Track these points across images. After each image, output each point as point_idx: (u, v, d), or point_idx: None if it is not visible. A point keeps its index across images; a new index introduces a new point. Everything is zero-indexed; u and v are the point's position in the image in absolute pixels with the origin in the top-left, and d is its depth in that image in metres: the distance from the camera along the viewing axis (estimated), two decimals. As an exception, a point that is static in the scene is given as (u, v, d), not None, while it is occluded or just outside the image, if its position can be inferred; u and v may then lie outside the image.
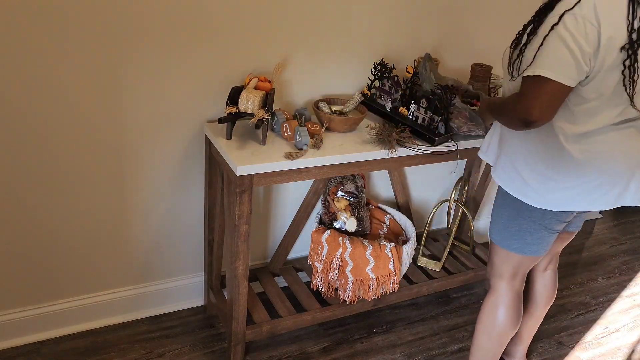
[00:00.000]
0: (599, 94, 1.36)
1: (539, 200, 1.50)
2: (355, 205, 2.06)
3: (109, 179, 1.81)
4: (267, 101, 1.69)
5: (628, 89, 1.35)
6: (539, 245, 1.60)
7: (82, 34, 1.57)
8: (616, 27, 1.29)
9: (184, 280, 2.13)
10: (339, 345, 2.10)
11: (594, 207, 1.50)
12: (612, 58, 1.31)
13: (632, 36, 1.30)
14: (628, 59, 1.31)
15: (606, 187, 1.47)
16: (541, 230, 1.56)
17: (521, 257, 1.62)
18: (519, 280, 1.69)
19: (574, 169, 1.44)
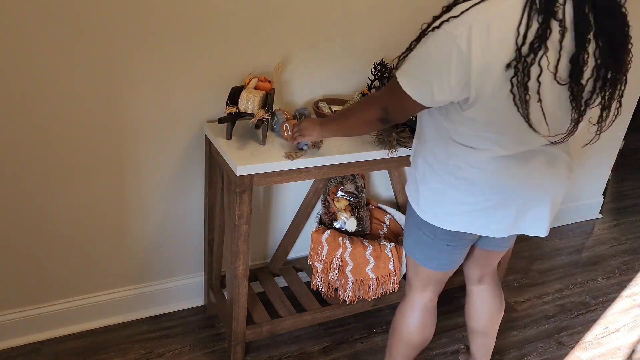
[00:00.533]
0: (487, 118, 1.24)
1: (432, 217, 1.44)
2: (355, 205, 2.06)
3: (109, 179, 1.81)
4: (267, 101, 1.69)
5: (520, 108, 1.19)
6: (440, 259, 1.53)
7: (83, 34, 1.57)
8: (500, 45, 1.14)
9: (184, 280, 2.13)
10: (339, 345, 2.10)
11: (486, 232, 1.42)
12: (495, 81, 1.16)
13: (521, 50, 1.12)
14: (515, 76, 1.14)
15: (498, 212, 1.39)
16: (439, 244, 1.50)
17: (427, 270, 1.57)
18: (428, 294, 1.63)
19: (464, 190, 1.37)
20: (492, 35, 1.13)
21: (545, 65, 1.15)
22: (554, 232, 3.05)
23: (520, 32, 1.12)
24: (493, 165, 1.33)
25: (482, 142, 1.31)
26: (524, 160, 1.34)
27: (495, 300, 1.78)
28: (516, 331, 2.27)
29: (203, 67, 1.77)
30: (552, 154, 1.39)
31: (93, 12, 1.55)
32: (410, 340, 1.67)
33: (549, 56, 1.15)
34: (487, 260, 1.69)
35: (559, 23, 1.13)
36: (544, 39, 1.13)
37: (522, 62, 1.13)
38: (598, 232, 3.11)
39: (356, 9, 1.91)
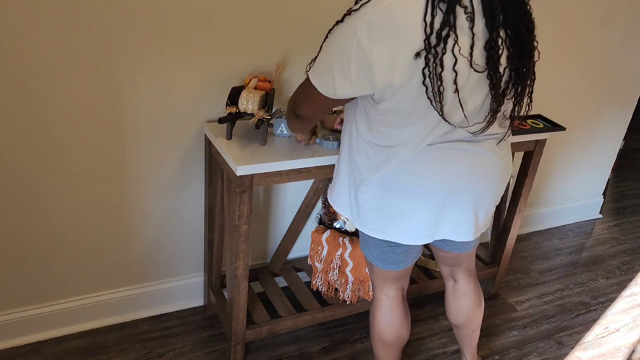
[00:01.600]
0: (399, 110, 1.21)
1: (357, 222, 1.44)
2: (355, 205, 2.06)
3: (109, 179, 1.81)
4: (267, 101, 1.69)
5: (434, 101, 1.16)
6: (385, 259, 1.50)
7: (83, 35, 1.57)
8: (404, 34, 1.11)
9: (184, 280, 2.13)
10: (339, 345, 2.10)
11: (406, 240, 1.39)
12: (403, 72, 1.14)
13: (430, 39, 1.10)
14: (426, 67, 1.12)
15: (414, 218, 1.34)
16: (380, 245, 1.47)
17: (378, 268, 1.55)
18: (390, 289, 1.59)
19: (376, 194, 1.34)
20: (394, 24, 1.12)
21: (458, 52, 1.13)
22: (554, 232, 3.05)
23: (427, 21, 1.10)
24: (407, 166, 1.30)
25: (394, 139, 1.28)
26: (439, 160, 1.30)
27: (468, 297, 1.74)
28: (516, 331, 2.27)
29: (203, 67, 1.77)
30: (473, 152, 1.33)
31: (93, 12, 1.55)
32: (382, 338, 1.66)
33: (462, 44, 1.13)
34: (454, 261, 1.67)
35: (464, 10, 1.12)
36: (451, 26, 1.11)
37: (432, 52, 1.11)
38: (598, 232, 3.11)
39: (356, 9, 1.91)
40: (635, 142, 4.30)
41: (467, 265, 1.71)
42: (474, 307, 1.77)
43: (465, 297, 1.75)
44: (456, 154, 1.31)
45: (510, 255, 2.40)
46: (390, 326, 1.64)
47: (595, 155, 2.99)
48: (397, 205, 1.35)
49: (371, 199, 1.37)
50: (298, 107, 1.38)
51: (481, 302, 1.78)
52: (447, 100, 1.19)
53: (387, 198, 1.35)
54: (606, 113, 2.85)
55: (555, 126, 2.11)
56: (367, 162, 1.35)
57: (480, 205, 1.39)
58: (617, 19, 2.55)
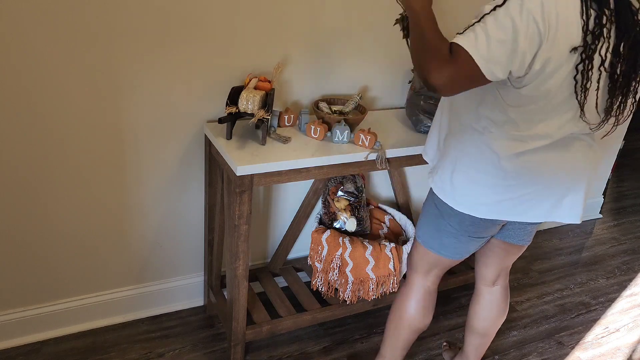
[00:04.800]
0: (540, 98, 1.25)
1: (464, 205, 1.44)
2: (355, 205, 2.06)
3: (109, 179, 1.81)
4: (267, 101, 1.69)
5: (579, 95, 1.23)
6: (456, 248, 1.55)
7: (84, 35, 1.57)
8: (567, 27, 1.16)
9: (184, 280, 2.13)
10: (339, 345, 2.10)
11: (522, 218, 1.44)
12: (558, 61, 1.18)
13: (586, 38, 1.17)
14: (581, 63, 1.19)
15: (536, 199, 1.40)
16: (460, 234, 1.51)
17: (437, 256, 1.59)
18: (431, 277, 1.65)
19: (503, 178, 1.38)
20: (560, 11, 1.15)
21: (604, 53, 1.20)
22: (554, 232, 3.05)
23: (584, 19, 1.16)
24: (534, 154, 1.35)
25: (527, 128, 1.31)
26: (565, 148, 1.36)
27: (502, 303, 1.78)
28: (516, 331, 2.27)
29: (203, 67, 1.77)
30: (589, 144, 1.41)
31: (93, 12, 1.55)
32: (412, 323, 1.68)
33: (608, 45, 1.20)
34: (506, 256, 1.69)
35: (609, 12, 1.19)
36: (603, 27, 1.17)
37: (587, 49, 1.18)
38: (598, 232, 3.11)
39: (356, 9, 1.91)
40: (635, 142, 4.30)
41: (509, 266, 1.75)
42: (502, 314, 1.79)
43: (500, 304, 1.77)
44: (578, 146, 1.38)
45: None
46: (422, 311, 1.67)
47: (595, 155, 2.99)
48: (524, 190, 1.39)
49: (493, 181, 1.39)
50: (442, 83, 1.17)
51: (507, 310, 1.81)
52: (589, 97, 1.25)
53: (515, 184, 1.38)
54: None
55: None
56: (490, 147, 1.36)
57: (589, 189, 1.47)
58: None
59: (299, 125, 1.84)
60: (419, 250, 1.63)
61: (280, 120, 1.84)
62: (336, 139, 1.77)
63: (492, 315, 1.78)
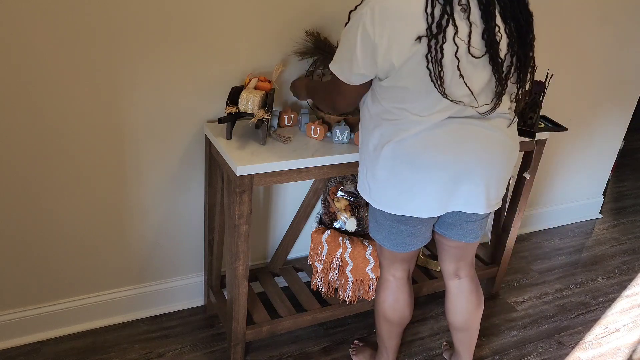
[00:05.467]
0: (402, 87, 1.34)
1: (375, 201, 1.51)
2: (355, 205, 2.06)
3: (109, 179, 1.81)
4: (267, 101, 1.69)
5: (436, 84, 1.29)
6: (393, 240, 1.59)
7: (84, 35, 1.57)
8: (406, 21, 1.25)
9: (184, 280, 2.13)
10: (339, 345, 2.10)
11: (421, 213, 1.47)
12: (402, 53, 1.27)
13: (431, 28, 1.24)
14: (428, 52, 1.25)
15: (428, 190, 1.42)
16: (390, 226, 1.56)
17: (387, 250, 1.63)
18: (395, 271, 1.68)
19: (391, 168, 1.43)
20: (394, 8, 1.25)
21: (459, 40, 1.26)
22: (554, 232, 3.05)
23: (428, 12, 1.24)
24: (414, 140, 1.38)
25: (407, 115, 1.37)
26: (448, 134, 1.38)
27: (472, 295, 1.77)
28: (516, 331, 2.27)
29: (203, 67, 1.77)
30: (486, 129, 1.42)
31: (94, 13, 1.55)
32: (387, 316, 1.74)
33: (461, 32, 1.26)
34: (457, 252, 1.70)
35: (458, 1, 1.26)
36: (449, 15, 1.24)
37: (433, 39, 1.24)
38: (598, 232, 3.11)
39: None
40: (635, 142, 4.30)
41: (471, 261, 1.75)
42: (476, 305, 1.78)
43: (469, 296, 1.77)
44: (468, 129, 1.40)
45: (510, 255, 2.40)
46: (395, 305, 1.71)
47: (595, 155, 2.99)
48: (410, 179, 1.42)
49: (386, 175, 1.45)
50: (333, 103, 1.52)
51: (482, 301, 1.80)
52: (447, 83, 1.30)
53: (400, 172, 1.43)
54: (606, 113, 2.85)
55: (557, 126, 2.11)
56: (379, 139, 1.43)
57: (491, 179, 1.47)
58: (616, 18, 2.55)
59: (299, 125, 1.85)
60: (376, 246, 1.71)
61: (280, 120, 1.84)
62: (336, 139, 1.78)
63: (464, 307, 1.78)
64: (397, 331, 1.79)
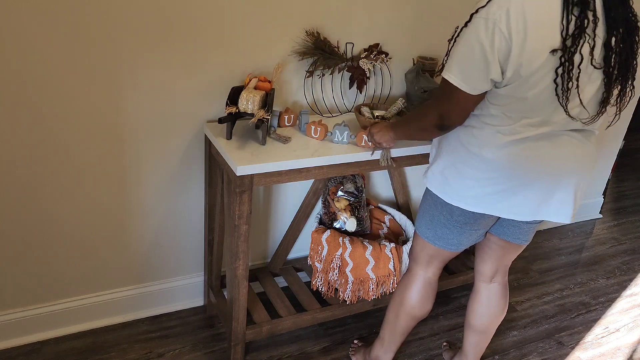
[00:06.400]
0: (520, 98, 1.31)
1: (453, 197, 1.49)
2: (355, 205, 2.06)
3: (109, 179, 1.81)
4: (267, 101, 1.69)
5: (561, 98, 1.28)
6: (449, 239, 1.59)
7: (84, 36, 1.57)
8: (540, 30, 1.22)
9: (184, 280, 2.13)
10: (339, 345, 2.10)
11: (508, 215, 1.46)
12: (533, 63, 1.24)
13: (566, 42, 1.22)
14: (561, 66, 1.24)
15: (522, 194, 1.42)
16: (452, 225, 1.55)
17: (434, 247, 1.63)
18: (432, 268, 1.69)
19: (486, 170, 1.41)
20: (529, 17, 1.21)
21: (585, 52, 1.24)
22: (554, 232, 3.05)
23: (564, 24, 1.22)
24: (518, 146, 1.37)
25: (511, 123, 1.35)
26: (550, 143, 1.38)
27: (501, 301, 1.79)
28: (516, 331, 2.27)
29: (203, 67, 1.77)
30: (580, 141, 1.42)
31: (94, 13, 1.55)
32: (412, 311, 1.74)
33: (589, 44, 1.25)
34: (503, 253, 1.70)
35: (592, 13, 1.23)
36: (583, 29, 1.22)
37: (567, 52, 1.23)
38: (598, 232, 3.11)
39: (356, 8, 1.91)
40: (635, 142, 4.30)
41: (508, 264, 1.76)
42: (501, 311, 1.81)
43: (498, 301, 1.78)
44: (567, 141, 1.40)
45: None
46: (422, 301, 1.72)
47: (595, 155, 2.99)
48: (508, 183, 1.41)
49: (481, 175, 1.43)
50: (446, 117, 1.39)
51: (506, 307, 1.82)
52: (572, 96, 1.29)
53: (499, 175, 1.41)
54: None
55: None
56: (478, 141, 1.41)
57: (579, 189, 1.47)
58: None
59: (299, 125, 1.84)
60: (419, 242, 1.68)
61: (280, 120, 1.84)
62: (336, 139, 1.77)
63: (489, 312, 1.79)
64: (413, 325, 1.80)
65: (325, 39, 1.87)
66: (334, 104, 2.03)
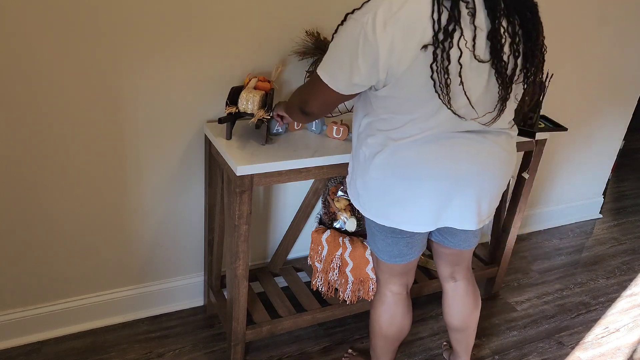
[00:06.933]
0: (401, 98, 1.27)
1: (366, 209, 1.47)
2: (355, 205, 2.06)
3: (109, 179, 1.81)
4: (266, 101, 1.69)
5: (441, 95, 1.22)
6: (389, 251, 1.54)
7: (84, 36, 1.57)
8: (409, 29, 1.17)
9: (184, 280, 2.13)
10: (339, 345, 2.10)
11: (407, 227, 1.43)
12: (405, 62, 1.19)
13: (437, 36, 1.16)
14: (434, 62, 1.18)
15: (419, 202, 1.38)
16: (384, 236, 1.51)
17: (384, 262, 1.58)
18: (394, 284, 1.63)
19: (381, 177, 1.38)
20: (398, 15, 1.17)
21: (463, 45, 1.19)
22: (554, 232, 3.05)
23: (435, 18, 1.16)
24: (407, 151, 1.33)
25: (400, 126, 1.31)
26: (440, 146, 1.32)
27: (468, 297, 1.76)
28: (516, 331, 2.27)
29: (203, 67, 1.77)
30: (479, 143, 1.36)
31: (94, 13, 1.56)
32: (382, 332, 1.69)
33: (466, 37, 1.19)
34: (452, 258, 1.68)
35: (466, 4, 1.18)
36: (457, 21, 1.17)
37: (440, 47, 1.17)
38: (598, 232, 3.11)
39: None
40: (635, 142, 4.30)
41: (467, 264, 1.73)
42: (473, 307, 1.78)
43: (465, 297, 1.76)
44: (461, 142, 1.34)
45: (510, 255, 2.40)
46: (391, 320, 1.67)
47: (595, 155, 2.99)
48: (400, 191, 1.38)
49: (376, 184, 1.40)
50: (305, 104, 1.41)
51: (479, 302, 1.79)
52: (453, 92, 1.23)
53: (391, 183, 1.38)
54: (606, 113, 2.85)
55: (557, 126, 2.11)
56: (371, 149, 1.38)
57: (483, 195, 1.42)
58: (616, 18, 2.55)
59: (312, 128, 1.84)
60: (373, 259, 1.66)
61: (290, 124, 1.83)
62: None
63: (462, 309, 1.77)
64: (392, 347, 1.74)
65: (325, 39, 1.87)
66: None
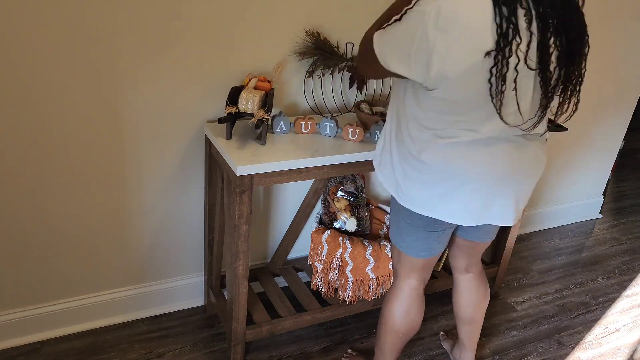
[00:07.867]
0: (453, 101, 1.28)
1: (406, 200, 1.47)
2: (355, 205, 2.06)
3: (109, 179, 1.81)
4: (266, 101, 1.69)
5: (495, 99, 1.23)
6: (417, 246, 1.56)
7: (84, 36, 1.57)
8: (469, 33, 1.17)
9: (184, 280, 2.13)
10: (339, 345, 2.10)
11: (454, 220, 1.44)
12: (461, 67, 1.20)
13: (500, 41, 1.17)
14: (495, 66, 1.19)
15: (463, 197, 1.40)
16: (415, 229, 1.52)
17: (408, 257, 1.59)
18: (413, 279, 1.64)
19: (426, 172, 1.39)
20: (460, 18, 1.17)
21: (521, 54, 1.20)
22: (554, 232, 3.05)
23: (497, 23, 1.16)
24: (454, 150, 1.35)
25: (447, 127, 1.33)
26: (489, 148, 1.35)
27: (480, 289, 1.81)
28: (516, 331, 2.27)
29: (203, 67, 1.77)
30: (521, 145, 1.39)
31: (94, 13, 1.56)
32: (395, 327, 1.69)
33: (523, 44, 1.20)
34: (471, 250, 1.71)
35: (524, 12, 1.19)
36: (515, 28, 1.17)
37: (501, 53, 1.18)
38: (598, 232, 3.11)
39: (356, 9, 1.91)
40: (635, 142, 4.30)
41: (480, 258, 1.77)
42: (482, 299, 1.82)
43: (477, 290, 1.80)
44: (505, 148, 1.37)
45: (510, 255, 2.40)
46: (406, 315, 1.67)
47: (595, 155, 2.99)
48: (447, 188, 1.40)
49: (423, 179, 1.41)
50: (361, 67, 1.45)
51: (488, 295, 1.84)
52: (506, 99, 1.25)
53: (438, 179, 1.39)
54: (606, 113, 2.85)
55: (557, 126, 2.11)
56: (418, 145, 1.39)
57: (521, 194, 1.46)
58: (616, 18, 2.55)
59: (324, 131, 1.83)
60: (394, 253, 1.66)
61: (296, 127, 1.82)
62: (376, 140, 1.78)
63: (471, 301, 1.82)
64: (401, 344, 1.73)
65: (325, 39, 1.87)
66: (334, 104, 2.03)
